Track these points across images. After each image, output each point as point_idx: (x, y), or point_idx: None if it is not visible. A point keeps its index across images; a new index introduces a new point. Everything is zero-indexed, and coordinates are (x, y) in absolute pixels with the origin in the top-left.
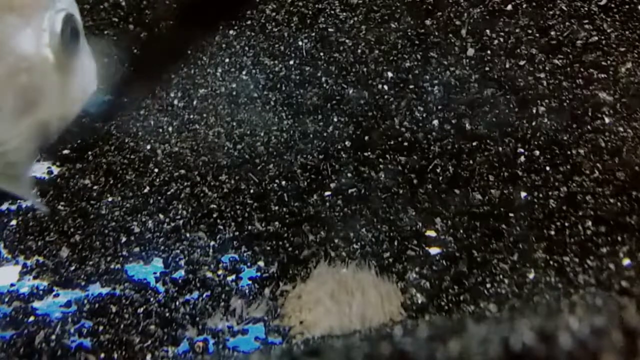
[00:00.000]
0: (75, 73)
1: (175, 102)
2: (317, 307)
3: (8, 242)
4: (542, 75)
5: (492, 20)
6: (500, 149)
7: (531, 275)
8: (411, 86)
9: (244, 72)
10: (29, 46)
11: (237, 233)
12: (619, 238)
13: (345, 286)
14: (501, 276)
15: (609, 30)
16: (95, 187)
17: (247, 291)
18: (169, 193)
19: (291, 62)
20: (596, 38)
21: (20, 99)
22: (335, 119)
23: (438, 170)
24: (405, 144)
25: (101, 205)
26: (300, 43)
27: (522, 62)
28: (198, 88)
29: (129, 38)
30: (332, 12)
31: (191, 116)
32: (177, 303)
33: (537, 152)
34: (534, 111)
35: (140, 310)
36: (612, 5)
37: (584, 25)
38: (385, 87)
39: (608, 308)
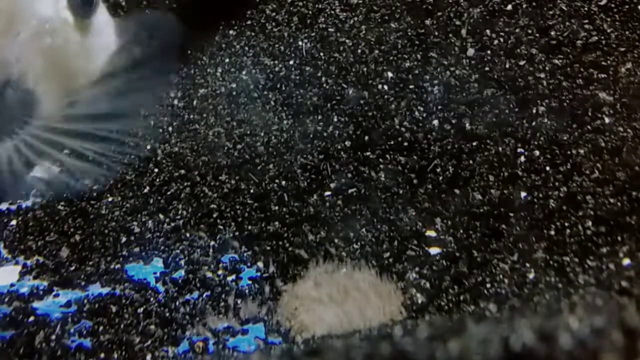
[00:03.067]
0: (94, 33)
1: (175, 102)
2: (316, 307)
3: (8, 242)
4: (542, 75)
5: (492, 20)
6: (500, 149)
7: (531, 275)
8: (411, 86)
9: (244, 72)
10: (48, 10)
11: (237, 233)
12: (619, 238)
13: (345, 286)
14: (501, 276)
15: (609, 30)
16: (95, 187)
17: (247, 291)
18: (169, 193)
19: (291, 62)
20: (596, 38)
21: (46, 60)
22: (335, 119)
23: (438, 170)
24: (405, 144)
25: (101, 205)
26: (300, 43)
27: (522, 62)
28: (198, 88)
29: None
30: (332, 12)
31: (191, 116)
32: (177, 303)
33: (537, 152)
34: (534, 111)
35: (140, 310)
36: (612, 5)
37: (584, 25)
38: (385, 87)
39: (608, 308)
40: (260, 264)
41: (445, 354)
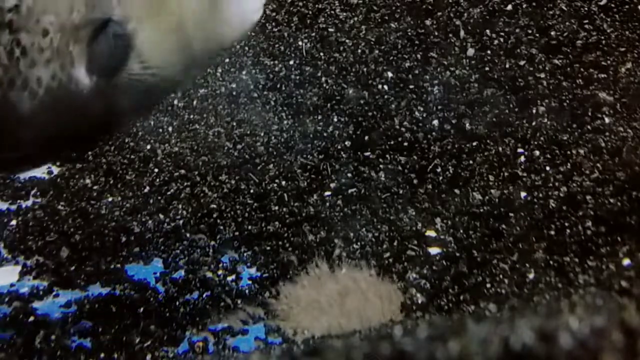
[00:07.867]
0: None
1: (175, 102)
2: (316, 307)
3: (8, 242)
4: (542, 75)
5: (492, 20)
6: (500, 149)
7: (531, 275)
8: (411, 86)
9: (244, 72)
10: None
11: (237, 233)
12: (619, 238)
13: (345, 286)
14: (501, 276)
15: (609, 30)
16: (95, 187)
17: (247, 291)
18: (169, 193)
19: (291, 62)
20: (596, 38)
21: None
22: (335, 119)
23: (438, 170)
24: (405, 144)
25: (101, 205)
26: (300, 43)
27: (522, 62)
28: (198, 88)
29: None
30: (332, 12)
31: (191, 116)
32: (177, 303)
33: (537, 152)
34: (534, 111)
35: (140, 310)
36: (612, 5)
37: (584, 25)
38: (385, 87)
39: (608, 308)
40: (260, 264)
41: (445, 354)
